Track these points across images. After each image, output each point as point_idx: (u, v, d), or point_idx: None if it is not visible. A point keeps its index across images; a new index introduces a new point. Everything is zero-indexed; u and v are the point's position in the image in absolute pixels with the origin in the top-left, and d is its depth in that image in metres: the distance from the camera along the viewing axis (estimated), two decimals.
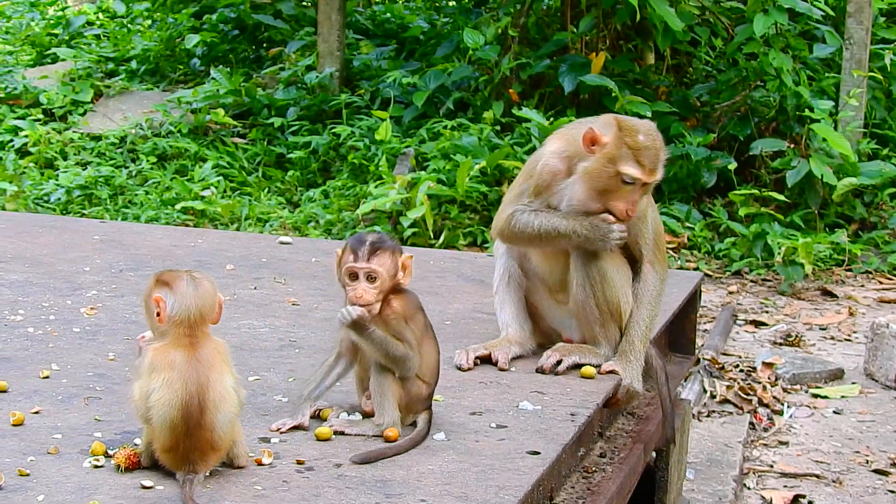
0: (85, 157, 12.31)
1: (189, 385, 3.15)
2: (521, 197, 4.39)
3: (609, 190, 4.22)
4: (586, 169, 4.21)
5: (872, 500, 6.17)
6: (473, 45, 11.88)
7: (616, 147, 4.17)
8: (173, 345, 3.19)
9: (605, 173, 4.18)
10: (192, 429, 3.14)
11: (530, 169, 4.42)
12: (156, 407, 3.13)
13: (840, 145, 10.50)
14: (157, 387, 3.14)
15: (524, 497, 3.20)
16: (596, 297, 4.30)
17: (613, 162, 4.16)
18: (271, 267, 5.75)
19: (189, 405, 3.14)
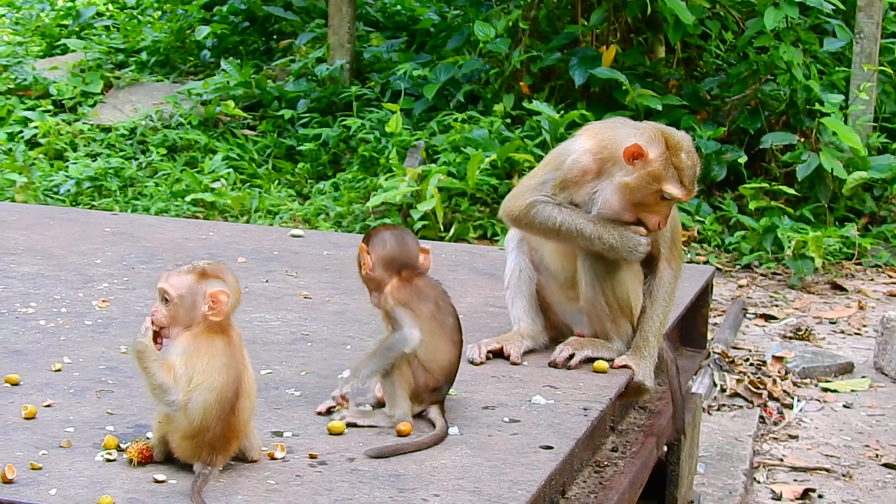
0: (95, 148, 12.31)
1: (230, 370, 3.18)
2: (543, 186, 4.33)
3: (645, 204, 4.21)
4: (626, 182, 4.17)
5: (882, 494, 6.17)
6: (484, 37, 11.86)
7: (663, 166, 4.14)
8: (210, 331, 3.21)
9: (647, 189, 4.16)
10: (227, 414, 3.16)
11: (558, 161, 4.35)
12: (197, 391, 3.13)
13: (850, 139, 10.48)
14: (200, 370, 3.15)
15: (537, 491, 3.20)
16: (605, 295, 4.30)
17: (658, 180, 4.14)
18: (283, 260, 5.75)
19: (227, 390, 3.16)
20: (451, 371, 3.69)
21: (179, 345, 3.20)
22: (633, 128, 4.30)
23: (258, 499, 3.05)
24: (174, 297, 3.22)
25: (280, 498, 3.05)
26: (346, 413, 3.60)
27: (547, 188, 4.32)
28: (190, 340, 3.19)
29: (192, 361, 3.16)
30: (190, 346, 3.18)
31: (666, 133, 4.23)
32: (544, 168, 4.41)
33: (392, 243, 3.79)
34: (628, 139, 4.18)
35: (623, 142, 4.19)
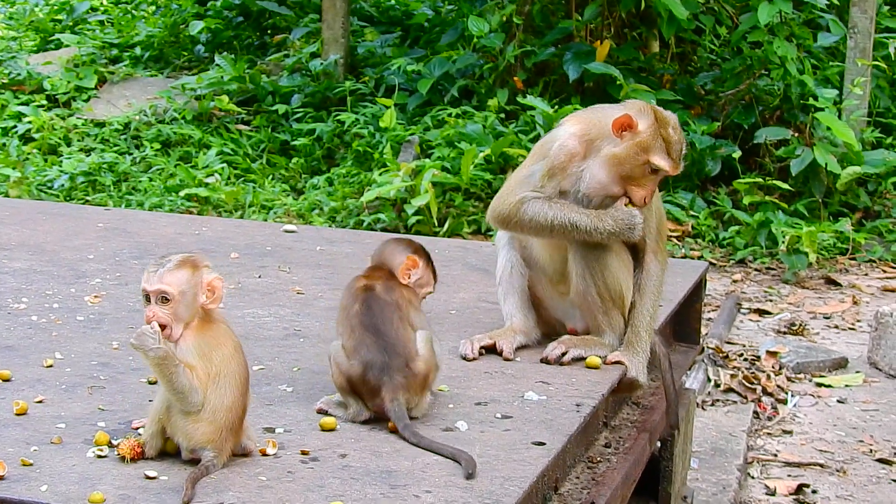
0: (89, 143, 12.30)
1: (240, 352, 3.24)
2: (529, 180, 4.31)
3: (633, 177, 4.21)
4: (614, 153, 4.19)
5: (876, 489, 6.17)
6: (478, 32, 11.86)
7: (651, 137, 4.17)
8: (208, 321, 3.23)
9: (635, 160, 4.18)
10: (244, 394, 3.22)
11: (543, 150, 4.34)
12: (220, 377, 3.16)
13: (844, 134, 10.49)
14: (217, 361, 3.17)
15: (529, 488, 3.20)
16: (597, 286, 4.29)
17: (646, 151, 4.16)
18: (276, 255, 5.74)
19: (243, 371, 3.23)
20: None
21: (189, 343, 3.19)
22: (618, 106, 4.34)
23: (250, 495, 3.04)
24: (175, 294, 3.20)
25: (271, 494, 3.05)
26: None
27: (535, 180, 4.30)
28: (198, 336, 3.20)
29: (208, 356, 3.18)
30: (201, 342, 3.19)
31: (654, 107, 4.28)
32: (531, 160, 4.39)
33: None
34: (616, 114, 4.21)
35: (610, 119, 4.22)
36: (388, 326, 3.65)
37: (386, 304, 3.70)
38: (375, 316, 3.68)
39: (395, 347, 3.61)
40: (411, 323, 3.70)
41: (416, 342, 3.65)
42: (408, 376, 3.59)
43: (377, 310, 3.69)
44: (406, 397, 3.57)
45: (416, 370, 3.60)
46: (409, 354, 3.62)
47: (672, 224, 10.55)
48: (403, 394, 3.56)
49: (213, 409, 3.15)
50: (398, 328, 3.66)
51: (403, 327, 3.67)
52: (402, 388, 3.57)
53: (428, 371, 3.64)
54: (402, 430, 3.46)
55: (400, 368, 3.59)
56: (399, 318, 3.68)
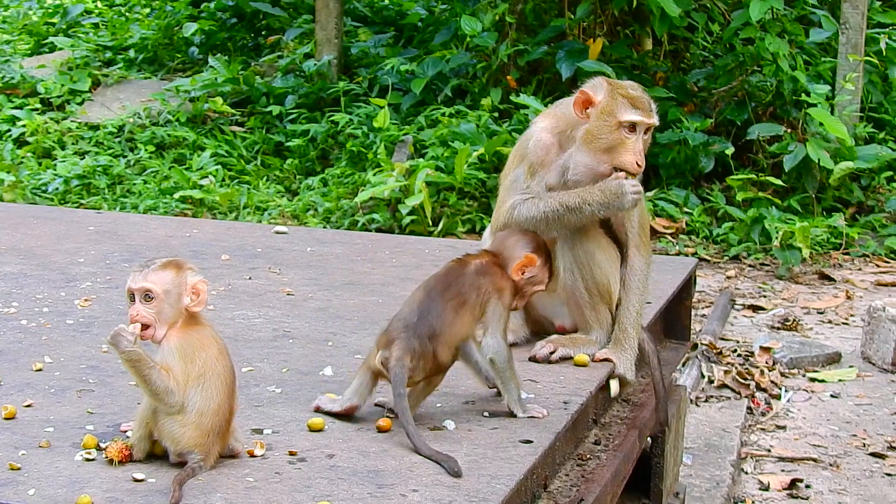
0: (83, 146, 12.31)
1: (225, 355, 3.24)
2: (515, 185, 4.34)
3: (613, 146, 4.20)
4: (587, 131, 4.21)
5: (869, 483, 6.19)
6: (471, 31, 11.88)
7: (611, 99, 4.19)
8: (193, 323, 3.23)
9: (607, 128, 4.18)
10: (230, 397, 3.22)
11: (521, 151, 4.38)
12: (204, 378, 3.16)
13: (837, 129, 10.50)
14: (201, 363, 3.17)
15: (516, 486, 3.21)
16: (584, 280, 4.31)
17: (612, 114, 4.18)
18: (266, 257, 5.75)
19: (229, 373, 3.23)
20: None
21: (172, 345, 3.20)
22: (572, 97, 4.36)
23: (237, 496, 3.05)
24: (160, 293, 3.20)
25: (259, 495, 3.05)
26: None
27: (520, 183, 4.32)
28: (181, 338, 3.20)
29: (190, 357, 3.18)
30: (183, 344, 3.19)
31: (606, 78, 4.32)
32: (512, 165, 4.42)
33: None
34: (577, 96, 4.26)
35: (570, 106, 4.26)
36: (441, 297, 3.62)
37: (463, 282, 3.67)
38: (440, 282, 3.67)
39: (430, 316, 3.58)
40: (482, 314, 3.67)
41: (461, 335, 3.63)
42: (424, 347, 3.54)
43: (448, 280, 3.68)
44: (412, 366, 3.52)
45: (435, 349, 3.57)
46: (441, 331, 3.57)
47: (666, 221, 10.57)
48: (412, 360, 3.52)
49: (199, 412, 3.15)
50: (450, 304, 3.62)
51: (460, 308, 3.62)
52: (413, 353, 3.53)
53: (444, 364, 3.61)
54: (395, 399, 3.44)
55: (422, 336, 3.55)
56: (463, 300, 3.64)
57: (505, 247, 3.84)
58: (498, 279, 3.73)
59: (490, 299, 3.68)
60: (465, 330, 3.64)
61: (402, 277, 5.40)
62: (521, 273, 3.77)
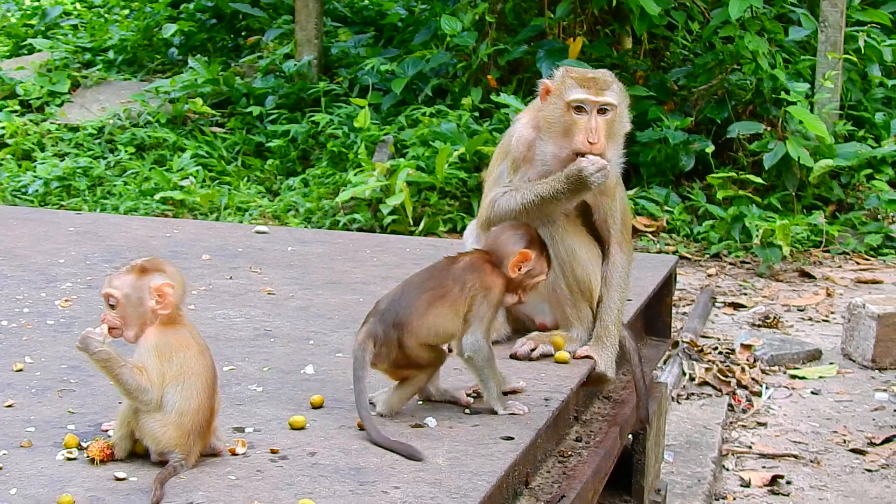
0: (63, 148, 12.28)
1: (205, 355, 3.23)
2: (499, 179, 4.38)
3: (567, 128, 4.23)
4: (542, 118, 4.27)
5: (850, 479, 6.21)
6: (451, 31, 11.88)
7: (562, 83, 4.24)
8: (171, 323, 3.23)
9: (558, 110, 4.23)
10: (210, 396, 3.21)
11: (504, 148, 4.43)
12: (183, 378, 3.16)
13: (816, 127, 10.53)
14: (179, 361, 3.17)
15: (497, 482, 3.21)
16: (566, 278, 4.32)
17: (560, 96, 4.22)
18: (247, 256, 5.75)
19: (209, 373, 3.22)
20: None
21: (148, 343, 3.20)
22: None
23: (219, 494, 3.05)
24: (119, 297, 3.23)
25: (240, 493, 3.06)
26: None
27: (503, 179, 4.36)
28: (157, 336, 3.20)
29: (166, 355, 3.18)
30: (160, 342, 3.19)
31: (566, 67, 4.36)
32: (497, 161, 4.46)
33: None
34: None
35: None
36: (417, 288, 3.64)
37: (446, 275, 3.69)
38: (421, 275, 3.70)
39: (399, 304, 3.60)
40: (468, 310, 3.66)
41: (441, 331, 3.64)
42: (388, 334, 3.57)
43: (431, 273, 3.70)
44: (376, 351, 3.56)
45: (400, 338, 3.57)
46: (408, 321, 3.58)
47: (647, 219, 10.59)
48: (375, 345, 3.56)
49: (179, 411, 3.15)
50: (425, 295, 3.63)
51: (437, 301, 3.62)
52: (375, 338, 3.57)
53: (412, 355, 3.60)
54: (355, 385, 3.48)
55: (386, 322, 3.58)
56: (442, 293, 3.64)
57: (498, 245, 3.82)
58: (487, 276, 3.73)
59: (476, 296, 3.68)
60: (441, 323, 3.63)
61: (382, 276, 5.41)
62: (517, 269, 3.77)
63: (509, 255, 3.77)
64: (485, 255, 3.79)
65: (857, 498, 6.02)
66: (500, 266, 3.76)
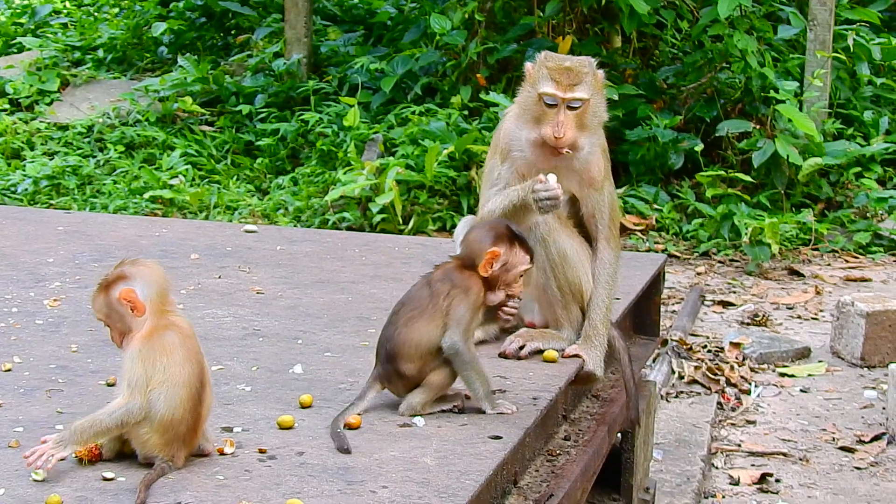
0: (52, 146, 12.25)
1: (192, 362, 3.21)
2: (490, 177, 4.40)
3: (538, 118, 4.25)
4: (519, 102, 4.32)
5: (839, 476, 6.22)
6: (440, 30, 11.87)
7: (536, 71, 4.27)
8: (158, 328, 3.22)
9: (530, 99, 4.27)
10: (196, 405, 3.19)
11: (495, 143, 4.47)
12: (165, 387, 3.15)
13: (805, 126, 10.54)
14: (162, 368, 3.16)
15: (486, 482, 3.22)
16: (557, 279, 4.32)
17: (534, 85, 4.26)
18: (236, 256, 5.74)
19: (195, 382, 3.20)
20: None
21: (133, 350, 3.20)
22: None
23: (207, 494, 3.06)
24: (103, 318, 3.27)
25: (229, 493, 3.06)
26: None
27: (494, 175, 4.37)
28: (141, 342, 3.20)
29: (148, 361, 3.17)
30: (144, 348, 3.19)
31: (547, 53, 4.37)
32: (488, 158, 4.51)
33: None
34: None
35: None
36: (396, 316, 3.72)
37: (421, 294, 3.72)
38: (402, 301, 3.75)
39: (387, 339, 3.69)
40: (447, 315, 3.68)
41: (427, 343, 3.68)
42: (388, 371, 3.68)
43: (410, 295, 3.75)
44: (389, 388, 3.70)
45: (400, 369, 3.66)
46: (397, 351, 3.66)
47: (636, 218, 10.60)
48: (382, 386, 3.70)
49: (162, 422, 3.14)
50: (402, 320, 3.69)
51: (414, 321, 3.67)
52: (381, 379, 3.69)
53: (417, 375, 3.67)
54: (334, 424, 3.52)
55: (384, 361, 3.69)
56: (420, 312, 3.68)
57: (469, 247, 3.82)
58: (464, 279, 3.74)
59: (454, 300, 3.70)
60: (417, 337, 3.68)
61: (371, 275, 5.41)
62: (490, 268, 3.76)
63: (479, 256, 3.76)
64: (458, 261, 3.80)
65: (846, 496, 6.03)
66: (475, 268, 3.76)
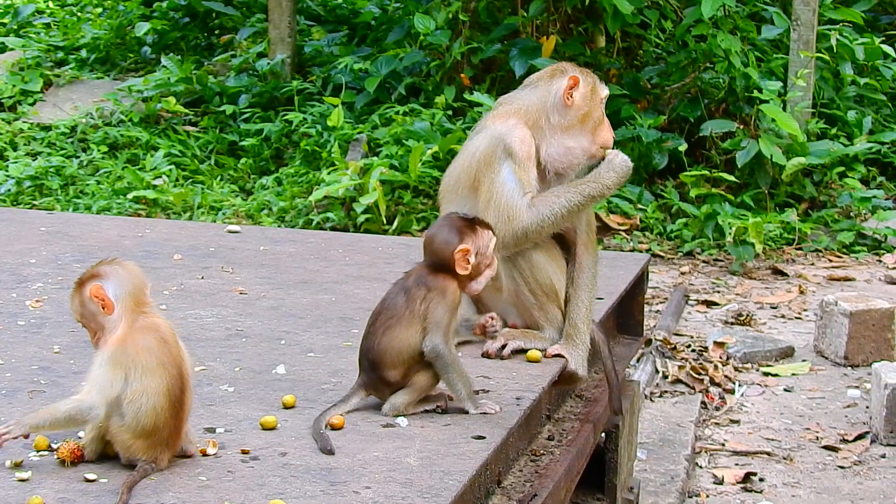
0: (35, 147, 12.22)
1: (170, 367, 3.18)
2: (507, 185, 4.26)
3: (598, 123, 4.39)
4: (583, 114, 4.34)
5: (822, 475, 6.24)
6: (424, 30, 11.87)
7: (592, 78, 4.40)
8: (134, 331, 3.19)
9: (597, 104, 4.37)
10: (177, 410, 3.17)
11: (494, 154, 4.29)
12: (136, 398, 3.12)
13: (789, 125, 10.56)
14: (139, 373, 3.14)
15: (469, 482, 3.22)
16: (527, 283, 4.33)
17: (597, 91, 4.39)
18: (219, 256, 5.72)
19: (175, 388, 3.17)
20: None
21: (104, 352, 3.18)
22: (532, 86, 4.46)
23: (189, 495, 3.05)
24: (79, 318, 3.27)
25: (211, 494, 3.05)
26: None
27: (515, 185, 4.28)
28: (114, 346, 3.18)
29: (118, 368, 3.14)
30: (116, 352, 3.17)
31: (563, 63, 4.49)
32: (490, 170, 4.30)
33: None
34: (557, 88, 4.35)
35: (540, 98, 4.37)
36: (373, 326, 3.70)
37: (396, 301, 3.71)
38: (377, 311, 3.73)
39: (367, 349, 3.69)
40: (425, 319, 3.66)
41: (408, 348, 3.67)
42: (371, 379, 3.68)
43: (385, 305, 3.73)
44: (374, 395, 3.70)
45: (384, 376, 3.66)
46: (378, 360, 3.66)
47: (620, 218, 10.60)
48: (367, 393, 3.70)
49: (145, 429, 3.13)
50: (380, 329, 3.68)
51: (391, 329, 3.66)
52: (366, 387, 3.69)
53: (402, 381, 3.67)
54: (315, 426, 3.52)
55: (367, 370, 3.69)
56: (396, 320, 3.67)
57: (437, 254, 3.77)
58: (439, 282, 3.73)
59: (431, 302, 3.69)
60: (397, 344, 3.67)
61: (354, 276, 5.40)
62: (467, 265, 3.74)
63: (451, 259, 3.73)
64: (429, 265, 3.78)
65: (830, 495, 6.04)
66: (449, 270, 3.74)
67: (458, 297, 3.75)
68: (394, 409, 3.64)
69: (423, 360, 3.67)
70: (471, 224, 3.79)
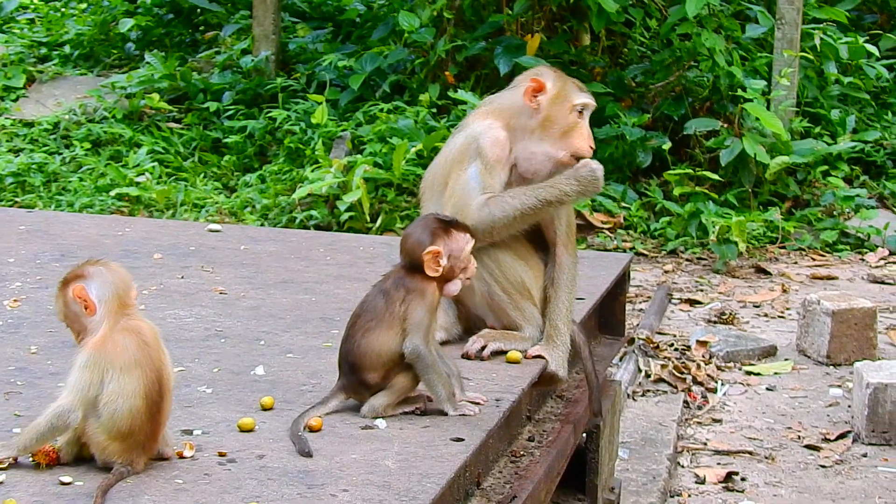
0: (17, 143, 12.16)
1: (148, 370, 3.16)
2: (471, 184, 4.27)
3: (567, 130, 4.29)
4: (545, 116, 4.28)
5: (804, 475, 6.24)
6: (409, 27, 11.84)
7: (563, 84, 4.31)
8: (115, 333, 3.17)
9: (564, 111, 4.28)
10: (154, 414, 3.15)
11: (468, 151, 4.31)
12: (113, 400, 3.10)
13: (773, 124, 10.57)
14: (115, 380, 3.11)
15: (447, 484, 3.21)
16: (498, 283, 4.33)
17: (568, 97, 4.28)
18: (199, 255, 5.70)
19: (153, 391, 3.15)
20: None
21: (83, 354, 3.16)
22: (512, 87, 4.42)
23: (165, 498, 3.03)
24: (62, 319, 3.25)
25: (187, 497, 3.03)
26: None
27: (476, 183, 4.28)
28: (94, 348, 3.15)
29: (97, 370, 3.12)
30: (95, 354, 3.14)
31: (544, 66, 4.52)
32: (459, 166, 4.33)
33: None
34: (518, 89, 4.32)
35: (514, 98, 4.33)
36: (352, 329, 3.70)
37: (375, 304, 3.70)
38: (356, 315, 3.72)
39: (346, 352, 3.68)
40: (405, 321, 3.66)
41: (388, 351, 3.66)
42: (351, 381, 3.67)
43: (363, 308, 3.72)
44: (348, 396, 3.69)
45: (363, 379, 3.66)
46: (358, 363, 3.65)
47: (604, 216, 10.60)
48: (347, 397, 3.69)
49: (121, 431, 3.11)
50: (360, 332, 3.67)
51: (371, 331, 3.66)
52: (345, 390, 3.69)
53: (382, 383, 3.66)
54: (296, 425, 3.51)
55: (347, 373, 3.68)
56: (376, 322, 3.66)
57: (410, 256, 3.76)
58: (417, 283, 3.72)
59: (410, 304, 3.68)
60: (385, 346, 3.66)
61: (335, 275, 5.39)
62: (438, 267, 3.72)
63: (422, 260, 3.72)
64: (405, 266, 3.77)
65: (812, 494, 6.05)
66: (423, 271, 3.73)
67: (438, 299, 3.74)
68: (373, 411, 3.63)
69: (403, 362, 3.65)
70: (445, 226, 3.78)
